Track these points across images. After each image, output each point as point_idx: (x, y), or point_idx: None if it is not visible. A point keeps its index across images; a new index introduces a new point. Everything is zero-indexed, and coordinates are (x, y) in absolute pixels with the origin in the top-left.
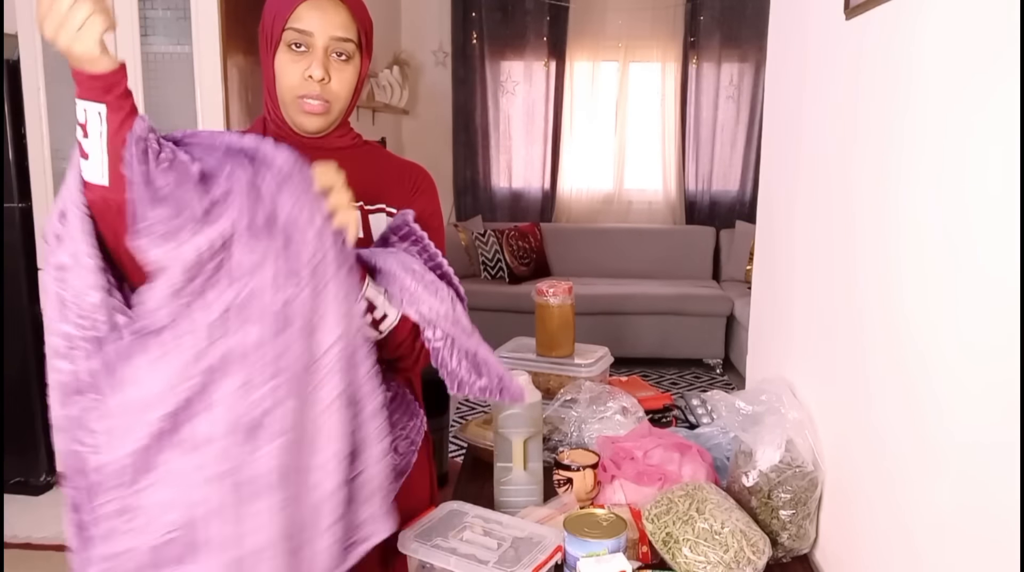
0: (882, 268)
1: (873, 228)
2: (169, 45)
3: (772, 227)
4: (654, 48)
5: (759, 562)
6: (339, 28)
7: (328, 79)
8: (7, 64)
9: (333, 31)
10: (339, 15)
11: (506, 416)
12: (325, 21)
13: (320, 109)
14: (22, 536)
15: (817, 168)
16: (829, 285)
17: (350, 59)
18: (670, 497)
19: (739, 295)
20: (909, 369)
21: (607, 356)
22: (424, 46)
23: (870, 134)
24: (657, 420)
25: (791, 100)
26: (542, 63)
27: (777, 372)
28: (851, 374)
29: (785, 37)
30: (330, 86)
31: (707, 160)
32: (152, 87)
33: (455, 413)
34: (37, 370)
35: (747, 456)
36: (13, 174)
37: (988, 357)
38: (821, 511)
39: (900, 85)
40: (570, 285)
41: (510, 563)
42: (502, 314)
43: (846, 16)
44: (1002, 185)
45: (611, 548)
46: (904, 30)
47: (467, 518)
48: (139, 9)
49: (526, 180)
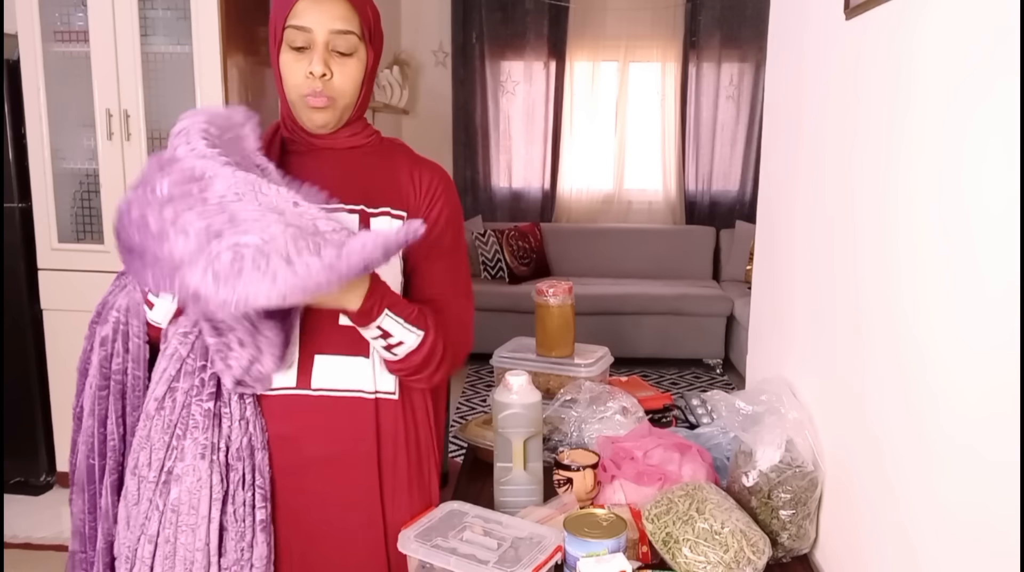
0: (882, 268)
1: (873, 228)
2: (169, 45)
3: (772, 227)
4: (654, 48)
5: (759, 562)
6: (338, 21)
7: (330, 75)
8: (7, 64)
9: (332, 24)
10: (337, 8)
11: (506, 416)
12: (323, 15)
13: (324, 103)
14: (22, 536)
15: (817, 168)
16: (829, 285)
17: (353, 52)
18: (670, 497)
19: (739, 295)
20: (909, 369)
21: (607, 356)
22: (424, 46)
23: (870, 134)
24: (657, 420)
25: (791, 100)
26: (542, 63)
27: (777, 372)
28: (851, 374)
29: (785, 37)
30: (332, 82)
31: (707, 160)
32: (152, 87)
33: (455, 413)
34: (37, 370)
35: (747, 456)
36: (13, 174)
37: (987, 357)
38: (821, 511)
39: (900, 85)
40: (570, 285)
41: (510, 563)
42: (502, 314)
43: (846, 16)
44: (1002, 184)
45: (611, 548)
46: (904, 30)
47: (467, 518)
48: (139, 9)
49: (526, 180)
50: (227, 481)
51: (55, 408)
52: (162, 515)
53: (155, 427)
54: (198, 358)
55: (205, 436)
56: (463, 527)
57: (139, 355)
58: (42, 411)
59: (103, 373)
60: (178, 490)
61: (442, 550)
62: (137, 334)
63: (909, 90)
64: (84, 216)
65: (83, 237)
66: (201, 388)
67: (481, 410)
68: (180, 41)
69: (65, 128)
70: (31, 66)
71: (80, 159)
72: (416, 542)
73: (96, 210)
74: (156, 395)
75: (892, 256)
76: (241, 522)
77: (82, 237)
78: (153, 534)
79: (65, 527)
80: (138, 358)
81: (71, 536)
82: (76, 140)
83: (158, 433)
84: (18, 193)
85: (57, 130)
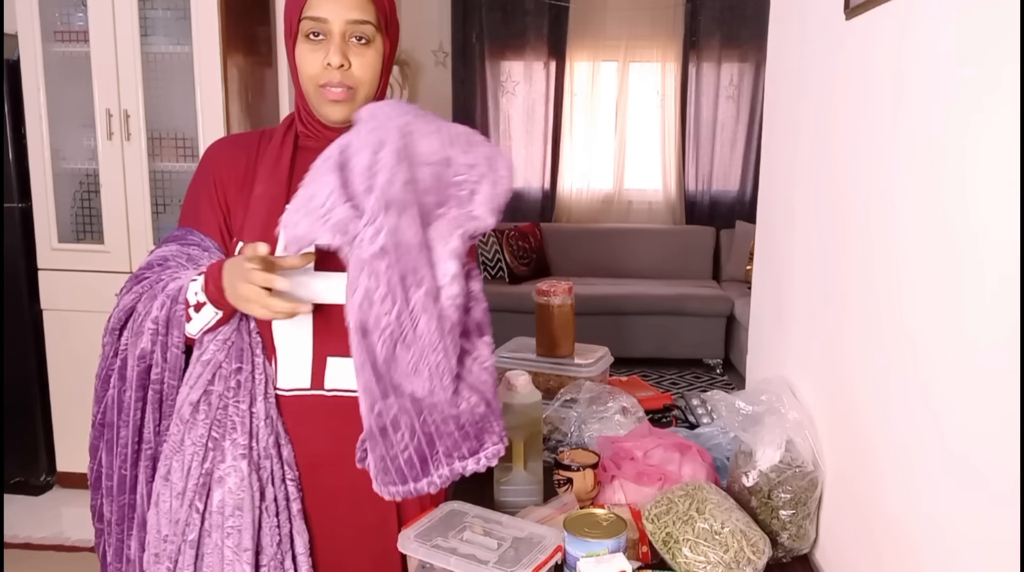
0: (882, 268)
1: (873, 228)
2: (169, 45)
3: (772, 227)
4: (654, 48)
5: (759, 562)
6: (354, 10)
7: (348, 65)
8: (7, 64)
9: (348, 14)
10: None
11: (506, 416)
12: (339, 6)
13: (343, 95)
14: (22, 536)
15: (817, 168)
16: (829, 285)
17: (370, 42)
18: (670, 497)
19: (739, 295)
20: (909, 369)
21: (607, 356)
22: (424, 46)
23: (870, 134)
24: (657, 420)
25: (791, 100)
26: (542, 63)
27: (777, 372)
28: (851, 374)
29: (785, 37)
30: (351, 72)
31: (707, 160)
32: (152, 87)
33: None
34: (37, 370)
35: (747, 456)
36: (13, 174)
37: (989, 356)
38: (821, 511)
39: (900, 85)
40: (570, 285)
41: (510, 563)
42: (502, 314)
43: (846, 16)
44: (1002, 183)
45: (611, 548)
46: (904, 30)
47: (467, 518)
48: (139, 9)
49: (526, 180)
50: (260, 480)
51: (55, 408)
52: (203, 519)
53: (189, 432)
54: (232, 361)
55: (244, 437)
56: (463, 527)
57: (176, 365)
58: (42, 411)
59: (141, 384)
60: (221, 492)
61: (442, 550)
62: (176, 345)
63: (909, 90)
64: (84, 216)
65: (83, 237)
66: (237, 389)
67: None
68: (180, 41)
69: (65, 128)
70: (31, 66)
71: (80, 159)
72: (416, 542)
73: (96, 210)
74: (191, 400)
75: (892, 255)
76: (275, 517)
77: (82, 237)
78: (194, 539)
79: (66, 527)
80: (175, 368)
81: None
82: (76, 140)
83: (193, 437)
84: (18, 193)
85: (57, 130)
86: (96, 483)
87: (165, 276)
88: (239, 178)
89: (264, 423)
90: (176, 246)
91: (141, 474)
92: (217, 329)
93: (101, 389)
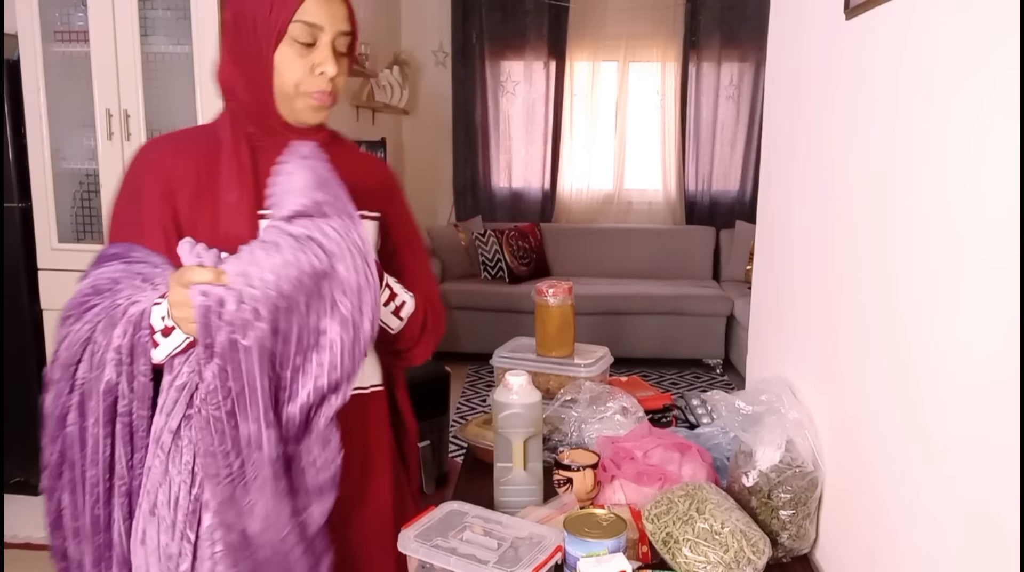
0: (882, 268)
1: (873, 227)
2: (169, 45)
3: (772, 227)
4: (654, 48)
5: (759, 562)
6: (343, 22)
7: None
8: (7, 64)
9: (339, 25)
10: (342, 9)
11: (506, 416)
12: (332, 15)
13: (329, 102)
14: (22, 536)
15: (817, 168)
16: (829, 285)
17: (347, 54)
18: (670, 497)
19: (739, 295)
20: (909, 369)
21: (607, 356)
22: (424, 46)
23: (870, 134)
24: (657, 420)
25: (791, 100)
26: (542, 63)
27: (777, 372)
28: (851, 374)
29: (785, 37)
30: (336, 80)
31: (707, 160)
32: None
33: (455, 413)
34: (37, 370)
35: (747, 456)
36: (13, 174)
37: (988, 357)
38: (821, 511)
39: (900, 84)
40: (570, 285)
41: (510, 563)
42: (502, 314)
43: (846, 16)
44: (1003, 183)
45: (611, 548)
46: (904, 30)
47: (467, 518)
48: (139, 9)
49: (526, 180)
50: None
51: None
52: (195, 548)
53: (174, 461)
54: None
55: None
56: (463, 527)
57: (145, 394)
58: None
59: (108, 418)
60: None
61: (442, 550)
62: (144, 373)
63: (909, 90)
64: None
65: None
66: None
67: (481, 410)
68: (180, 41)
69: (65, 128)
70: (31, 66)
71: (80, 159)
72: (416, 542)
73: (96, 210)
74: (171, 427)
75: (892, 255)
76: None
77: (82, 237)
78: (187, 569)
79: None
80: (144, 397)
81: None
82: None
83: (179, 466)
84: (18, 193)
85: (57, 130)
86: (56, 523)
87: (122, 300)
88: (192, 186)
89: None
90: (121, 265)
91: (116, 511)
92: (188, 351)
93: (56, 428)
